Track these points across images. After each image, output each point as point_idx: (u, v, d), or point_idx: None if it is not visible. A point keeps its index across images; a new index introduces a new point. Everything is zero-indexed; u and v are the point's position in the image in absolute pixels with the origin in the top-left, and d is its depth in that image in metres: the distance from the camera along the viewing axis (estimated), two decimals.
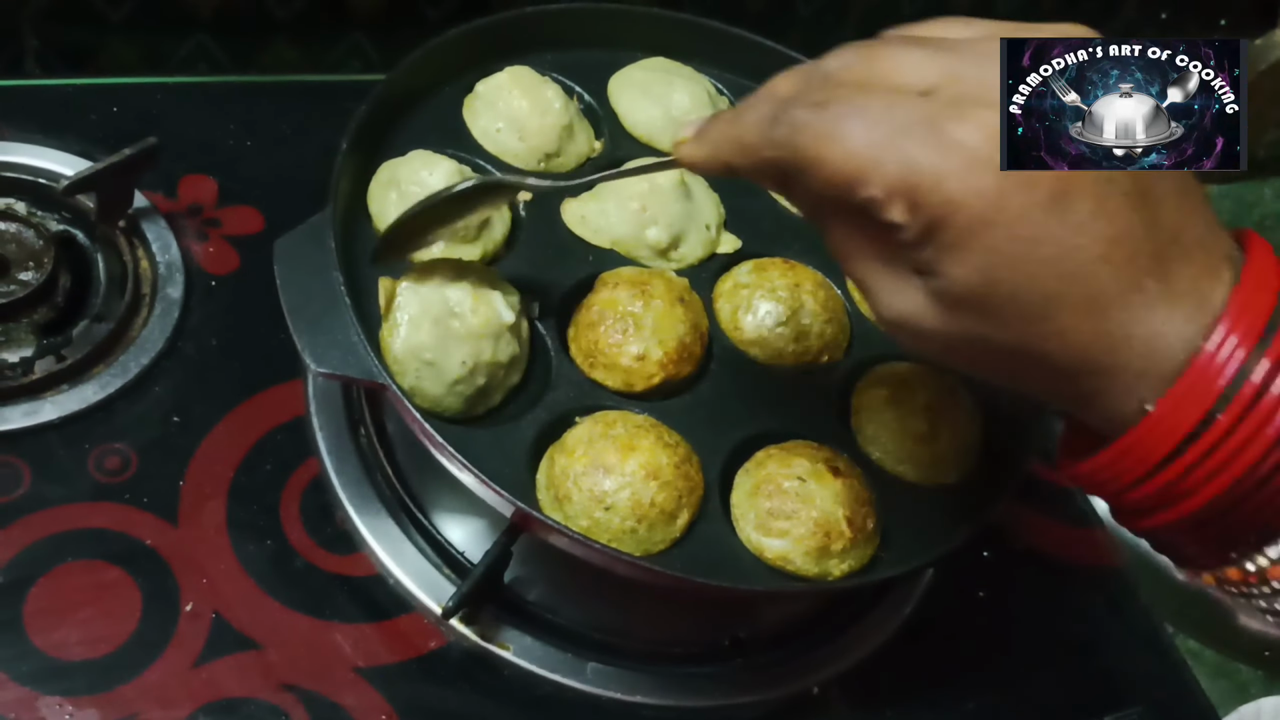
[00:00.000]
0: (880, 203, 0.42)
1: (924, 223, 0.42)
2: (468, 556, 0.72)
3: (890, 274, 0.46)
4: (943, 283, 0.43)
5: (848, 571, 0.65)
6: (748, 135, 0.47)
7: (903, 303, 0.46)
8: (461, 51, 0.79)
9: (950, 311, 0.44)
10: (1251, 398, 0.41)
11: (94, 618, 0.66)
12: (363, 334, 0.62)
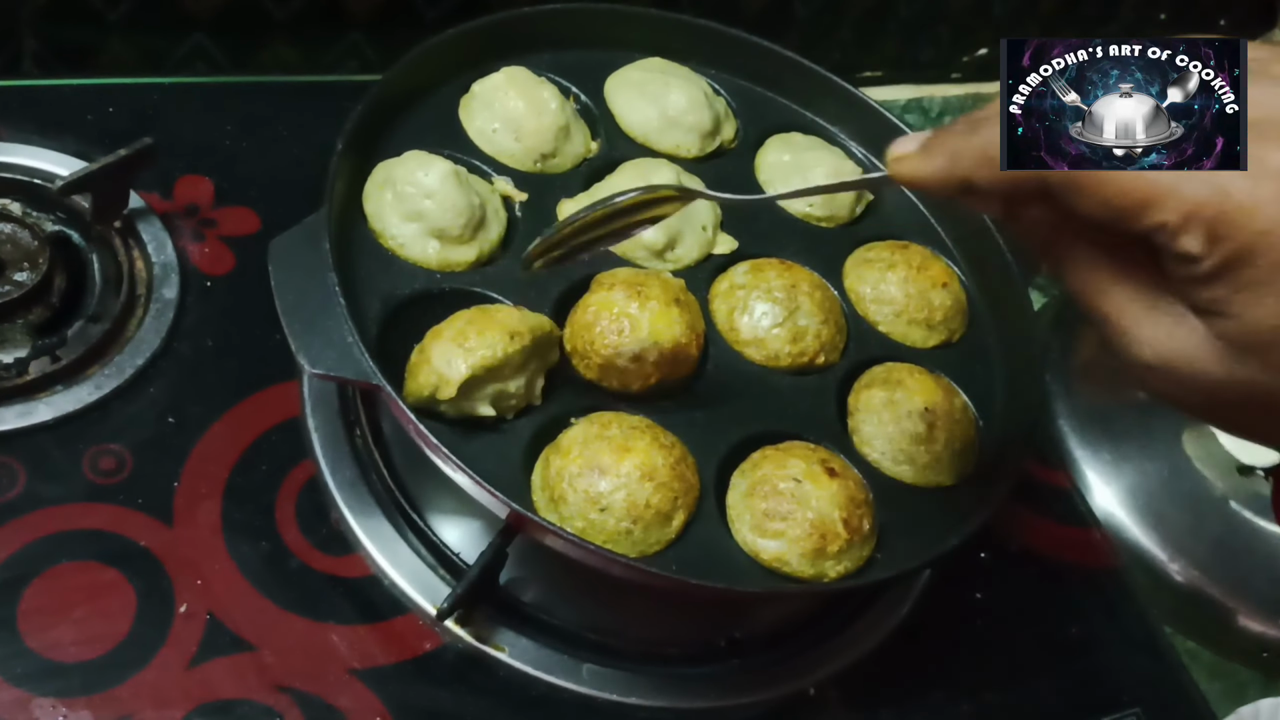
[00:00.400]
0: (1172, 230, 0.38)
1: (1225, 255, 0.38)
2: (463, 558, 0.72)
3: (1157, 312, 0.41)
4: (1234, 325, 0.39)
5: (844, 573, 0.64)
6: (993, 150, 0.42)
7: (1173, 345, 0.41)
8: (458, 52, 0.79)
9: (1235, 357, 0.40)
10: None
11: (88, 618, 0.66)
12: (357, 335, 0.62)
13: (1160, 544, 1.01)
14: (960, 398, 0.74)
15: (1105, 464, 1.06)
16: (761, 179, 0.84)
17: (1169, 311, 0.41)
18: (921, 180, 0.45)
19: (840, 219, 0.83)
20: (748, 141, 0.86)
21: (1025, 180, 0.42)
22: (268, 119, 0.92)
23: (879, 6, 1.23)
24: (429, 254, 0.70)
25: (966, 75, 1.32)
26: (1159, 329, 0.41)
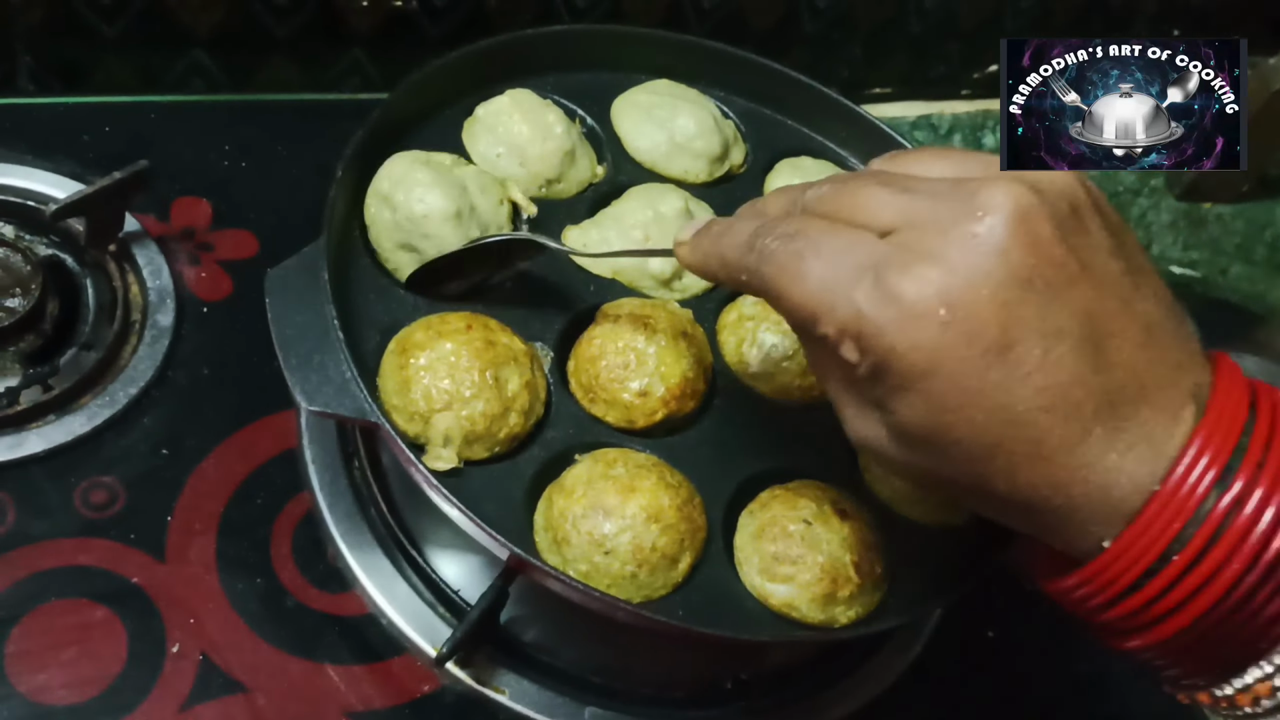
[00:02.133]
0: (834, 341, 0.44)
1: (871, 365, 0.43)
2: (463, 596, 0.70)
3: (853, 400, 0.47)
4: (894, 419, 0.45)
5: (855, 618, 0.63)
6: (728, 254, 0.50)
7: (865, 429, 0.47)
8: (461, 74, 0.77)
9: (904, 445, 0.46)
10: (1208, 537, 0.42)
11: (78, 659, 0.65)
12: (356, 371, 0.60)
13: None
14: None
15: None
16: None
17: (860, 402, 0.47)
18: (689, 262, 0.54)
19: None
20: (757, 166, 0.84)
21: (742, 285, 0.49)
22: (267, 139, 0.91)
23: (888, 23, 1.21)
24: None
25: (976, 92, 1.31)
26: (858, 415, 0.47)
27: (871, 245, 0.44)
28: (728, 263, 0.50)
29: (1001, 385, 0.42)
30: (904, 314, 0.42)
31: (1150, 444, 0.43)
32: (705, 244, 0.52)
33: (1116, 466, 0.43)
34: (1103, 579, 0.44)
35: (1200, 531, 0.42)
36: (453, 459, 0.62)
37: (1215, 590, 0.42)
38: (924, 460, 0.46)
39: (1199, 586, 0.42)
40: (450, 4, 1.01)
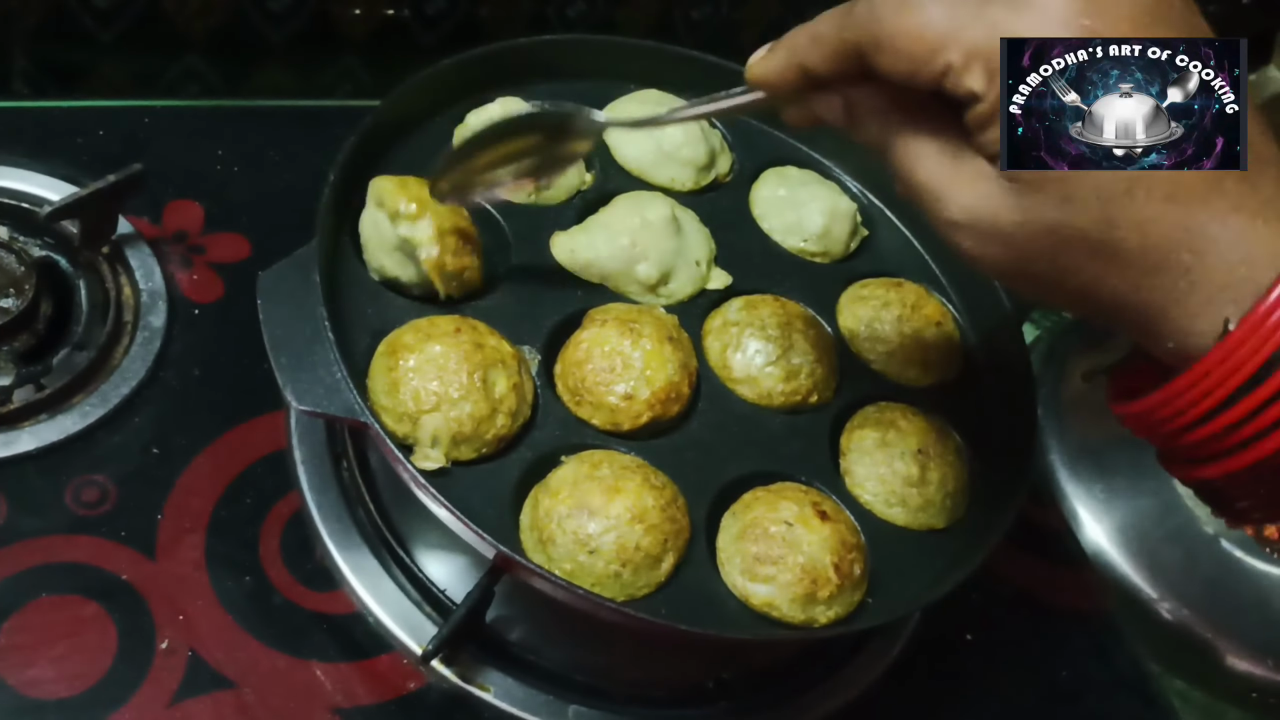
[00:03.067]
0: (958, 71, 0.41)
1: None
2: (449, 595, 0.71)
3: (961, 169, 0.44)
4: None
5: (834, 619, 0.64)
6: (823, 26, 0.46)
7: (975, 198, 0.44)
8: (453, 82, 0.78)
9: (1027, 195, 0.42)
10: None
11: (68, 654, 0.65)
12: (346, 371, 0.61)
13: (1150, 582, 1.01)
14: (954, 439, 0.74)
15: (1096, 500, 1.05)
16: (756, 213, 0.83)
17: (971, 167, 0.44)
18: (768, 76, 0.49)
19: (835, 255, 0.83)
20: (743, 175, 0.85)
21: (843, 48, 0.45)
22: (259, 143, 0.92)
23: None
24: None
25: None
26: (964, 185, 0.44)
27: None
28: (821, 36, 0.46)
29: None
30: (1046, 20, 0.40)
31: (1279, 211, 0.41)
32: (788, 38, 0.48)
33: (1249, 229, 0.41)
34: (1215, 377, 0.41)
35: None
36: (440, 459, 0.63)
37: None
38: (1047, 213, 0.42)
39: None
40: (442, 13, 1.02)
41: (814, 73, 0.47)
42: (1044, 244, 0.43)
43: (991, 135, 0.42)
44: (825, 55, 0.46)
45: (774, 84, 0.49)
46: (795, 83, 0.48)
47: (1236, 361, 0.41)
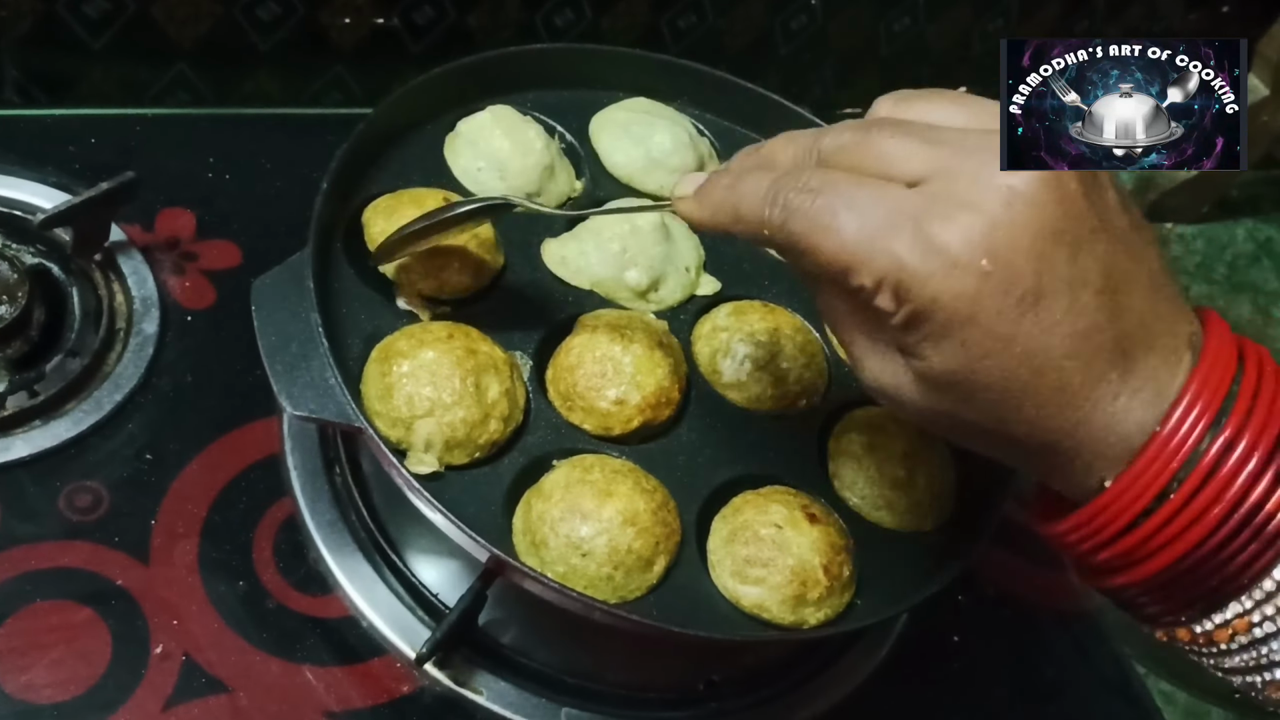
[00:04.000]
0: (869, 292, 0.45)
1: (908, 314, 0.44)
2: (441, 599, 0.72)
3: (876, 347, 0.48)
4: (924, 365, 0.46)
5: (823, 620, 0.65)
6: (745, 208, 0.49)
7: (886, 375, 0.49)
8: (443, 90, 0.79)
9: (930, 391, 0.47)
10: (1200, 479, 0.44)
11: (63, 659, 0.66)
12: (340, 376, 0.61)
13: None
14: (940, 442, 0.75)
15: None
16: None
17: (883, 350, 0.48)
18: (691, 221, 0.53)
19: None
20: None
21: (763, 240, 0.48)
22: (251, 151, 0.92)
23: (859, 46, 1.24)
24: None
25: None
26: (878, 362, 0.49)
27: (904, 196, 0.44)
28: (743, 218, 0.49)
29: (1032, 333, 0.43)
30: (948, 263, 0.43)
31: (1155, 387, 0.45)
32: (715, 197, 0.51)
33: (1125, 409, 0.45)
34: (1101, 519, 0.46)
35: (1193, 475, 0.44)
36: (434, 464, 0.63)
37: (1198, 532, 0.45)
38: (947, 405, 0.47)
39: (1185, 528, 0.45)
40: (432, 21, 1.03)
41: (734, 234, 0.51)
42: (946, 422, 0.48)
43: (903, 341, 0.46)
44: (747, 235, 0.50)
45: (699, 226, 0.53)
46: (719, 232, 0.52)
47: (1115, 511, 0.46)
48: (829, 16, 1.19)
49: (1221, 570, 0.45)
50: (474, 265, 0.70)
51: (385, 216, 0.71)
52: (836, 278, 0.46)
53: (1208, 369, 0.46)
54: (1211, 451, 0.44)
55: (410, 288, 0.70)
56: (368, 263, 0.70)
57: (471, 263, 0.70)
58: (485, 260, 0.71)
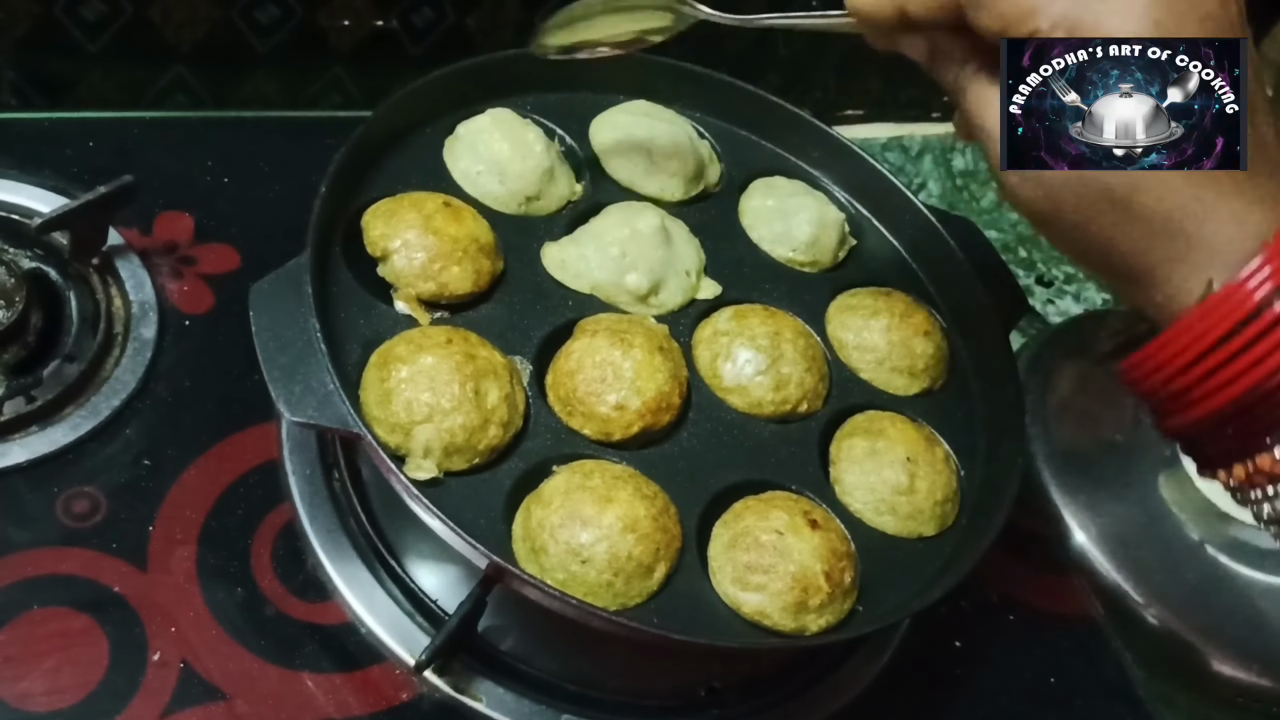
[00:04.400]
0: (1045, 34, 0.46)
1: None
2: (441, 605, 0.71)
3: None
4: None
5: (825, 626, 0.64)
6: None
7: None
8: (443, 93, 0.79)
9: None
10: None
11: (60, 667, 0.65)
12: (338, 382, 0.61)
13: (1136, 587, 1.02)
14: (942, 447, 0.74)
15: (1083, 506, 1.06)
16: (745, 223, 0.84)
17: None
18: (866, 8, 0.53)
19: (823, 265, 0.83)
20: (732, 185, 0.86)
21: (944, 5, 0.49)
22: (249, 154, 0.92)
23: (860, 47, 1.23)
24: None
25: (946, 114, 1.33)
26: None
27: None
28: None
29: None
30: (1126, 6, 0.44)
31: (1269, 206, 0.48)
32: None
33: (1245, 212, 0.47)
34: (1199, 327, 0.48)
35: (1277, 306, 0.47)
36: (433, 470, 0.63)
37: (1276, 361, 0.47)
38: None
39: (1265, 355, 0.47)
40: (431, 23, 1.02)
41: (911, 16, 0.51)
42: (1076, 194, 0.48)
43: None
44: (927, 3, 0.50)
45: (870, 17, 0.53)
46: (890, 20, 0.52)
47: (1216, 318, 0.48)
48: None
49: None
50: (473, 269, 0.70)
51: (384, 220, 0.70)
52: (1012, 26, 0.46)
53: None
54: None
55: (409, 291, 0.69)
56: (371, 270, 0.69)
57: (471, 266, 0.70)
58: (485, 264, 0.71)
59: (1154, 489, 1.04)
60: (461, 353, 0.65)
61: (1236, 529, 1.01)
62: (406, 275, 0.69)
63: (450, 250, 0.69)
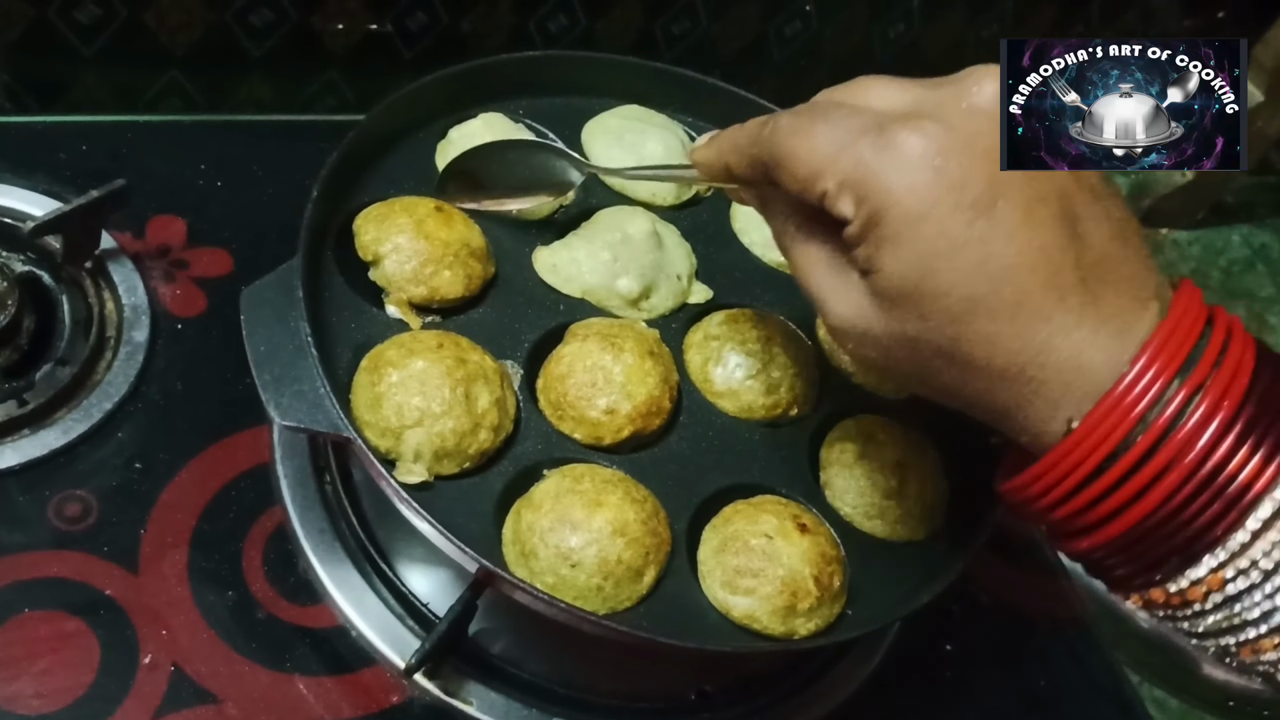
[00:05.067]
0: (833, 195, 0.47)
1: (866, 215, 0.46)
2: (431, 608, 0.72)
3: (840, 279, 0.50)
4: (880, 278, 0.47)
5: (814, 630, 0.64)
6: (743, 137, 0.53)
7: (847, 305, 0.49)
8: (436, 97, 0.79)
9: (888, 310, 0.47)
10: (1160, 434, 0.44)
11: (51, 669, 0.65)
12: (329, 386, 0.61)
13: None
14: (932, 451, 0.74)
15: None
16: (737, 227, 0.84)
17: (848, 280, 0.49)
18: (700, 163, 0.58)
19: None
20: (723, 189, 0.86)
21: (753, 161, 0.52)
22: (242, 158, 0.92)
23: (855, 52, 1.24)
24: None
25: None
26: (842, 296, 0.49)
27: (877, 113, 0.47)
28: (740, 146, 0.53)
29: (986, 238, 0.44)
30: (903, 159, 0.44)
31: (1120, 324, 0.45)
32: (721, 140, 0.56)
33: (1090, 341, 0.45)
34: (1065, 464, 0.46)
35: (1152, 429, 0.44)
36: (423, 474, 0.63)
37: (1161, 490, 0.44)
38: (905, 326, 0.47)
39: (1149, 483, 0.44)
40: (425, 27, 1.02)
41: (734, 172, 0.55)
42: (908, 352, 0.48)
43: (861, 254, 0.47)
44: (740, 162, 0.54)
45: (706, 171, 0.58)
46: (722, 175, 0.56)
47: (1081, 453, 0.46)
48: (824, 22, 1.19)
49: (1187, 528, 0.45)
50: (465, 273, 0.70)
51: (377, 224, 0.71)
52: (807, 185, 0.48)
53: (1176, 320, 0.46)
54: (1173, 406, 0.44)
55: (400, 296, 0.69)
56: (362, 274, 0.70)
57: (462, 271, 0.70)
58: (476, 268, 0.71)
59: None
60: (452, 357, 0.65)
61: None
62: (398, 279, 0.69)
63: (442, 255, 0.69)
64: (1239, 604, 0.45)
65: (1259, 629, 0.46)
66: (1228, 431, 0.44)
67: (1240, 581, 0.45)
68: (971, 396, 0.48)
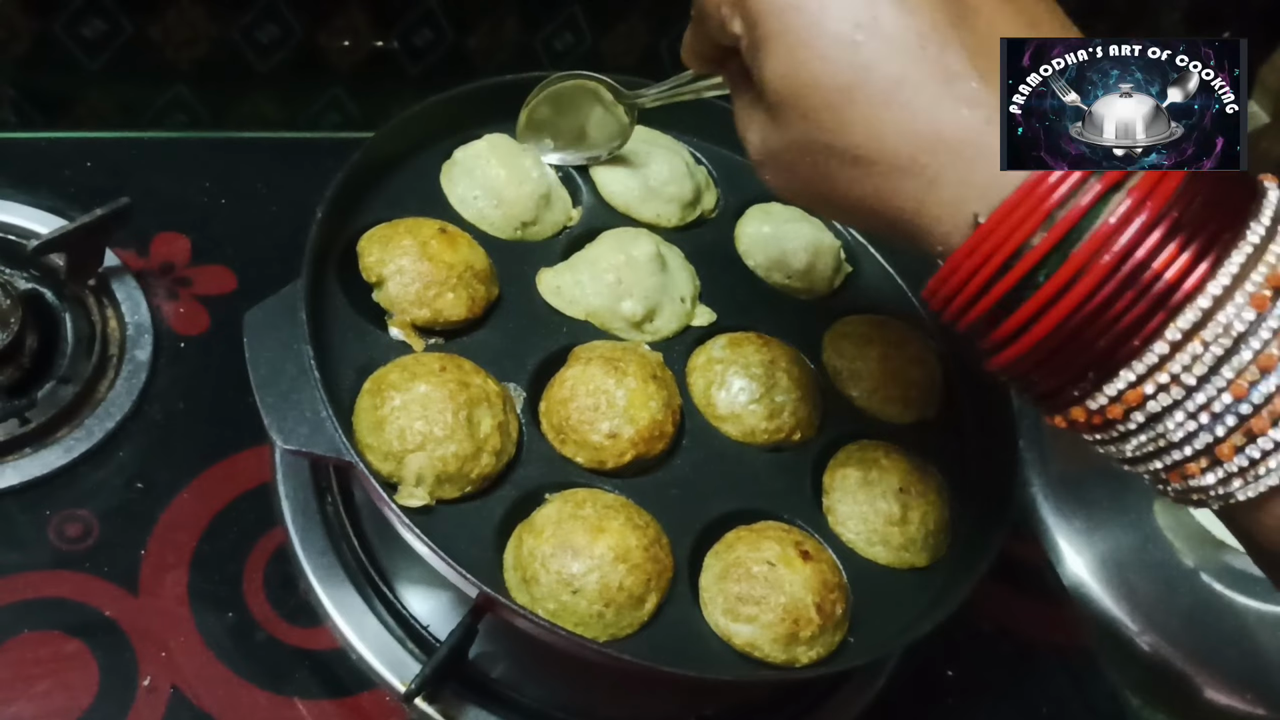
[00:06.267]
0: (727, 19, 0.48)
1: (748, 26, 0.46)
2: (432, 631, 0.71)
3: (751, 111, 0.50)
4: (765, 89, 0.46)
5: (816, 659, 0.64)
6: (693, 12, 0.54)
7: (755, 132, 0.49)
8: (441, 118, 0.79)
9: (777, 119, 0.47)
10: (1079, 217, 0.41)
11: (50, 691, 0.65)
12: (331, 410, 0.61)
13: (1130, 614, 1.02)
14: (935, 477, 0.74)
15: (1077, 532, 1.06)
16: (741, 249, 0.84)
17: (755, 108, 0.49)
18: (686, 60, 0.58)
19: (819, 291, 0.83)
20: (728, 211, 0.86)
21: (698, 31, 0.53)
22: (246, 176, 0.92)
23: None
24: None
25: None
26: (753, 126, 0.49)
27: None
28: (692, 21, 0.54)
29: (857, 22, 0.43)
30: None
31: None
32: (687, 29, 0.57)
33: (988, 127, 0.42)
34: (970, 264, 0.43)
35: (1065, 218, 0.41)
36: (425, 498, 0.63)
37: (1081, 289, 0.41)
38: (791, 130, 0.46)
39: (1066, 282, 0.41)
40: (430, 44, 1.03)
41: (699, 52, 0.56)
42: (805, 159, 0.47)
43: (754, 74, 0.47)
44: (696, 39, 0.55)
45: (688, 63, 0.58)
46: (696, 63, 0.57)
47: (984, 253, 0.42)
48: None
49: (1108, 331, 0.41)
50: (468, 295, 0.70)
51: (380, 246, 0.70)
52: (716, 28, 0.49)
53: None
54: (1088, 197, 0.41)
55: (403, 318, 0.69)
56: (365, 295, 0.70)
57: (466, 293, 0.70)
58: (480, 290, 0.71)
59: (1148, 515, 1.04)
60: (455, 380, 0.65)
61: (1231, 555, 1.01)
62: (401, 302, 0.69)
63: (445, 277, 0.69)
64: (1161, 424, 0.42)
65: (1183, 451, 0.42)
66: (1154, 228, 0.40)
67: (1162, 398, 0.41)
68: (874, 201, 0.45)
